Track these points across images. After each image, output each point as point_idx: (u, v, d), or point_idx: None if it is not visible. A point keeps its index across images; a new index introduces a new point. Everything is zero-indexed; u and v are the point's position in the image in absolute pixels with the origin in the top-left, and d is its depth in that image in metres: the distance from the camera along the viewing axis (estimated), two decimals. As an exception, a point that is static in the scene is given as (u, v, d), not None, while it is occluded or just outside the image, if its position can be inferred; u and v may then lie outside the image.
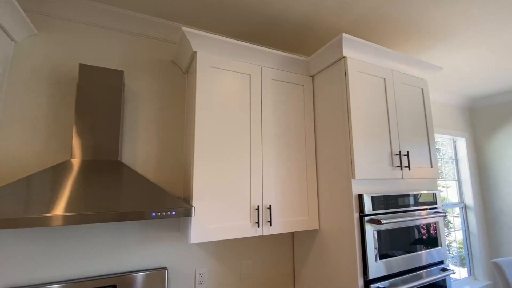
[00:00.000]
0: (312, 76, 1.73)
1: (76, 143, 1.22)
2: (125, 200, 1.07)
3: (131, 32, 1.57)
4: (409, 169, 1.52)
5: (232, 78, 1.46)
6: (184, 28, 1.32)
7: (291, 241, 1.84)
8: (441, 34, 1.81)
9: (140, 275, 1.34)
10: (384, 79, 1.58)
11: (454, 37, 1.85)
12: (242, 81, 1.49)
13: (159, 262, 1.45)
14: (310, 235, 1.64)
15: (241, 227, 1.34)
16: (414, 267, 1.46)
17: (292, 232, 1.86)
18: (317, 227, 1.56)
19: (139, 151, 1.50)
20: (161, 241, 1.47)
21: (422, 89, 1.76)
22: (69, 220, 0.95)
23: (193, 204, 1.25)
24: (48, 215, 0.93)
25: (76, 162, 1.19)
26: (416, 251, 1.48)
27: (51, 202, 0.98)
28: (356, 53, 1.50)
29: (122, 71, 1.35)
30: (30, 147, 1.29)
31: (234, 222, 1.34)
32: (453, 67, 2.34)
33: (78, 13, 1.45)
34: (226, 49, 1.45)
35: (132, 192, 1.12)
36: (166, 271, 1.39)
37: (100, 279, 1.26)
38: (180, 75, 1.68)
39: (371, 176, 1.39)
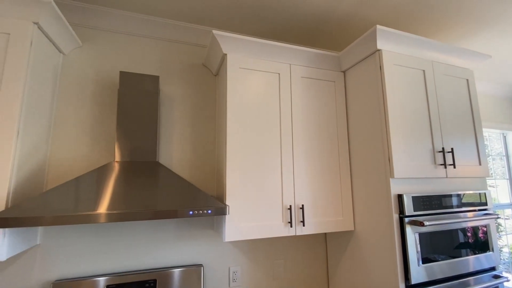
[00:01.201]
0: (344, 72, 1.68)
1: (118, 145, 1.30)
2: (163, 198, 1.13)
3: (165, 38, 1.64)
4: (454, 167, 1.41)
5: (261, 78, 1.46)
6: (215, 32, 1.35)
7: (324, 241, 1.80)
8: (486, 19, 1.65)
9: (178, 270, 1.39)
10: (424, 71, 1.47)
11: (500, 23, 1.68)
12: (271, 80, 1.48)
13: (195, 259, 1.50)
14: (345, 236, 1.59)
15: (274, 226, 1.34)
16: (461, 273, 1.34)
17: (325, 233, 1.82)
18: (352, 228, 1.50)
19: (174, 152, 1.56)
20: (196, 239, 1.52)
21: (467, 80, 1.61)
22: (112, 217, 1.01)
23: (226, 203, 1.28)
24: (93, 213, 1.00)
25: (118, 163, 1.27)
26: (462, 256, 1.36)
27: (96, 201, 1.06)
28: (392, 45, 1.42)
29: (158, 76, 1.41)
30: (78, 149, 1.40)
31: (266, 221, 1.34)
32: (501, 54, 2.12)
33: (118, 25, 1.55)
34: (255, 49, 1.46)
35: (170, 191, 1.17)
36: (202, 267, 1.44)
37: (142, 273, 1.34)
38: (210, 77, 1.72)
39: (411, 175, 1.31)
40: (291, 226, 1.36)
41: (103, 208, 1.03)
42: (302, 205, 1.39)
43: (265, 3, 1.50)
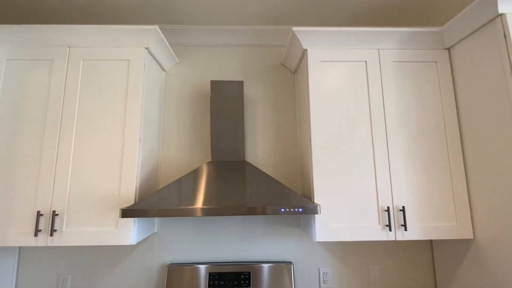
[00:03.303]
0: (448, 49, 1.40)
1: (212, 147, 1.44)
2: (254, 195, 1.18)
3: (247, 44, 1.74)
4: None
5: (345, 69, 1.37)
6: (294, 28, 1.34)
7: (429, 249, 1.55)
8: None
9: (269, 266, 1.44)
10: None
11: None
12: (357, 69, 1.37)
13: (283, 256, 1.52)
14: (460, 245, 1.32)
15: (369, 229, 1.23)
16: None
17: (431, 240, 1.56)
18: (471, 236, 1.24)
19: (259, 151, 1.63)
20: (284, 236, 1.54)
21: None
22: (209, 212, 1.11)
23: (315, 202, 1.25)
24: (191, 207, 1.12)
25: (213, 163, 1.40)
26: None
27: (194, 197, 1.19)
28: (523, 4, 1.10)
29: (242, 81, 1.50)
30: (180, 152, 1.62)
31: (360, 223, 1.24)
32: None
33: (206, 39, 1.72)
34: (337, 39, 1.37)
35: (260, 188, 1.21)
36: (292, 265, 1.45)
37: (237, 265, 1.44)
38: (288, 76, 1.72)
39: None
40: (390, 230, 1.21)
41: (199, 203, 1.15)
42: (403, 207, 1.23)
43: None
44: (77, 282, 1.47)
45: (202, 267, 1.44)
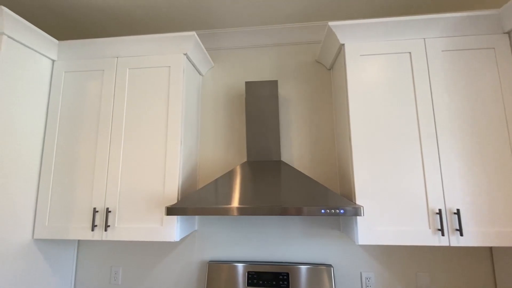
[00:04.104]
0: (509, 33, 1.25)
1: (247, 147, 1.45)
2: (293, 196, 1.16)
3: (280, 43, 1.73)
4: None
5: (387, 62, 1.29)
6: (330, 23, 1.30)
7: (489, 257, 1.39)
8: None
9: (308, 267, 1.41)
10: None
11: None
12: (400, 62, 1.28)
13: (322, 258, 1.48)
14: (528, 254, 1.17)
15: (418, 233, 1.14)
16: None
17: (490, 247, 1.40)
18: (543, 244, 1.08)
19: (294, 150, 1.60)
20: (323, 238, 1.50)
21: None
22: (251, 211, 1.11)
23: (356, 203, 1.19)
24: (226, 206, 1.14)
25: (248, 163, 1.42)
26: None
27: (232, 196, 1.21)
28: None
29: (276, 81, 1.49)
30: (217, 153, 1.66)
31: (408, 226, 1.16)
32: None
33: (240, 41, 1.75)
34: (376, 31, 1.30)
35: (299, 188, 1.19)
36: (332, 268, 1.40)
37: (275, 265, 1.44)
38: (324, 73, 1.67)
39: None
40: (442, 235, 1.11)
41: (235, 202, 1.17)
42: (457, 210, 1.12)
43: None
44: (127, 274, 1.59)
45: (241, 266, 1.46)
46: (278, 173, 1.33)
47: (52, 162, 1.40)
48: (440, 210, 1.13)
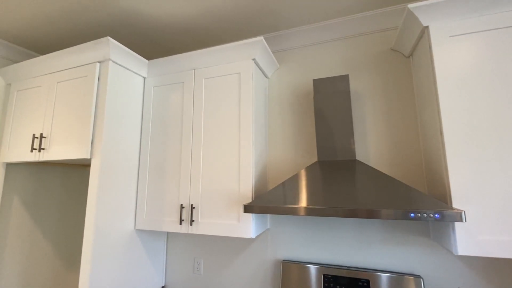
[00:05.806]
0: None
1: (318, 146, 1.42)
2: (374, 197, 1.08)
3: (348, 35, 1.64)
4: None
5: (484, 41, 1.08)
6: (410, 5, 1.16)
7: None
8: None
9: (392, 276, 1.29)
10: None
11: None
12: (501, 39, 1.06)
13: (409, 268, 1.33)
14: None
15: (545, 246, 0.92)
16: None
17: None
18: None
19: (370, 148, 1.49)
20: (409, 245, 1.35)
21: None
22: (329, 212, 1.08)
23: (453, 207, 1.03)
24: (293, 206, 1.13)
25: (320, 163, 1.38)
26: None
27: (303, 196, 1.18)
28: None
29: (347, 75, 1.42)
30: (285, 153, 1.67)
31: (528, 237, 0.94)
32: None
33: (304, 39, 1.73)
34: (468, 6, 1.10)
35: (381, 190, 1.10)
36: (422, 280, 1.24)
37: (354, 270, 1.36)
38: (401, 61, 1.51)
39: None
40: None
41: (303, 203, 1.14)
42: None
43: None
44: (208, 265, 1.74)
45: (316, 268, 1.43)
46: (355, 173, 1.26)
47: (147, 164, 1.64)
48: None
